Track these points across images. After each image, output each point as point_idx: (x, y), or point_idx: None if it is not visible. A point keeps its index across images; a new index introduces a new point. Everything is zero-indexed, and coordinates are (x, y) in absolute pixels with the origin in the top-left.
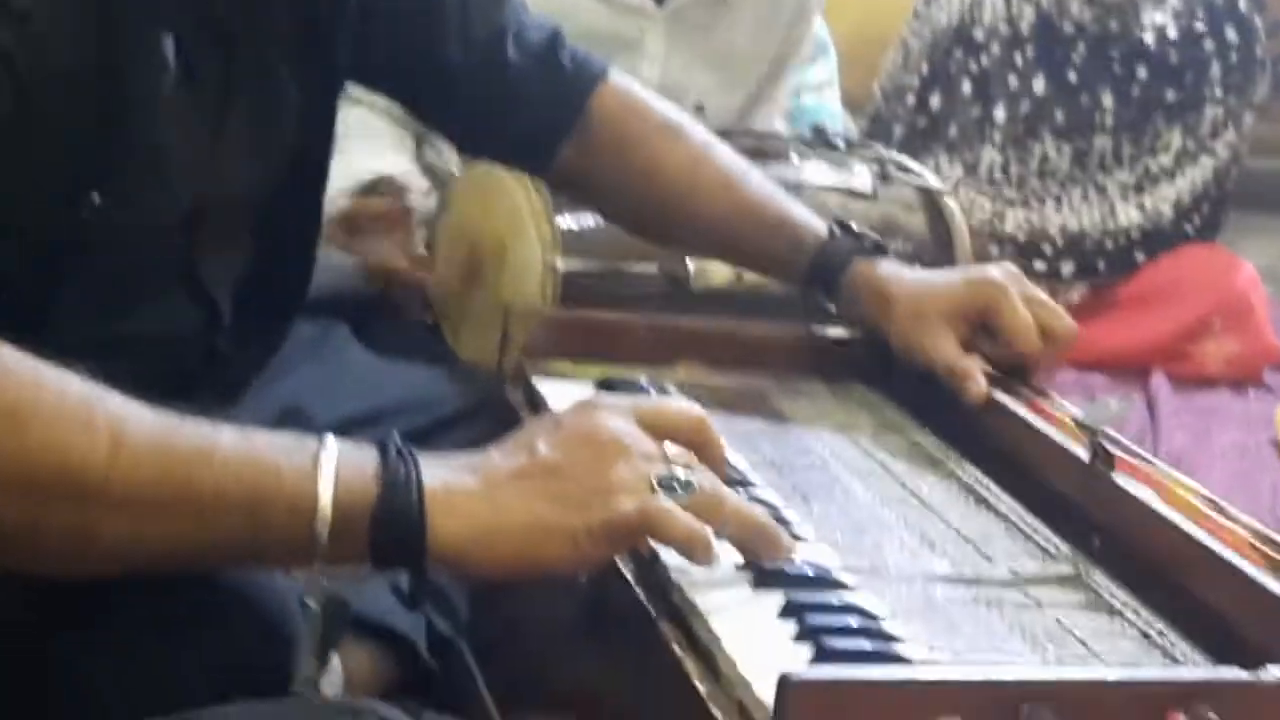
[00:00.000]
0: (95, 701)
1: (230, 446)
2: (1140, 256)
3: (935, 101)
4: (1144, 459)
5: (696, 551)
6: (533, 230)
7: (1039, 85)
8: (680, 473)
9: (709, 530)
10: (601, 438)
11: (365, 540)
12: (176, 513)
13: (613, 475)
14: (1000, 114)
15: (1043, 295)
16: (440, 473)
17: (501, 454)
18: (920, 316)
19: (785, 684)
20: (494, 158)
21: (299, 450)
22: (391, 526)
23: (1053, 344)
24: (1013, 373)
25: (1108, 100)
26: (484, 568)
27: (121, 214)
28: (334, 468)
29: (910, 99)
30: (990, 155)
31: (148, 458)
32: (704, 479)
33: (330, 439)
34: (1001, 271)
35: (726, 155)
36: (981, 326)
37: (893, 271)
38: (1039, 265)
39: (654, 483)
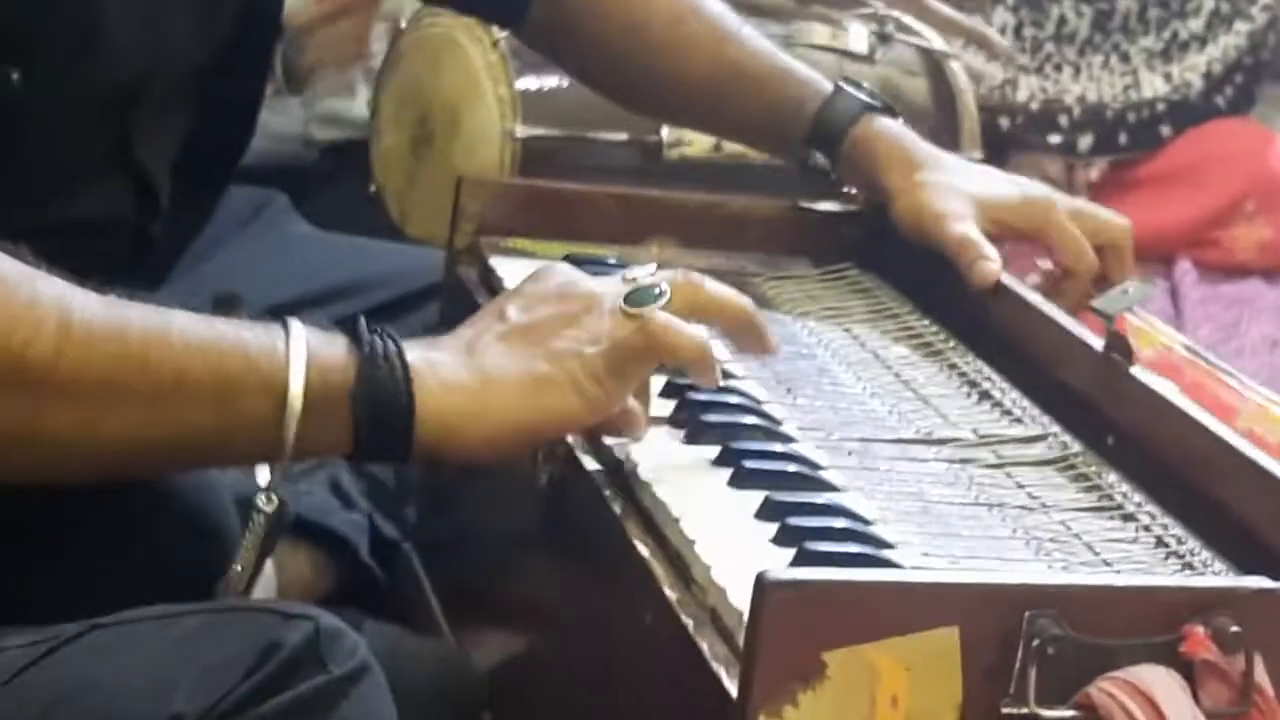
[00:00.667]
0: (12, 600)
1: (189, 327)
2: (1166, 131)
3: None
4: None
5: (705, 358)
6: (490, 93)
7: None
8: (646, 281)
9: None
10: (571, 291)
11: (345, 424)
12: (133, 399)
13: (586, 316)
14: None
15: (1083, 203)
16: (418, 349)
17: (472, 327)
18: (946, 188)
19: (762, 586)
20: (460, 7)
21: (264, 329)
22: (375, 404)
23: (1112, 251)
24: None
25: None
26: (480, 441)
27: (45, 93)
28: (305, 345)
29: None
30: (1002, 17)
31: (100, 340)
32: (671, 275)
33: (296, 323)
34: (1048, 192)
35: (716, 8)
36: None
37: (915, 138)
38: (1054, 138)
39: (624, 306)
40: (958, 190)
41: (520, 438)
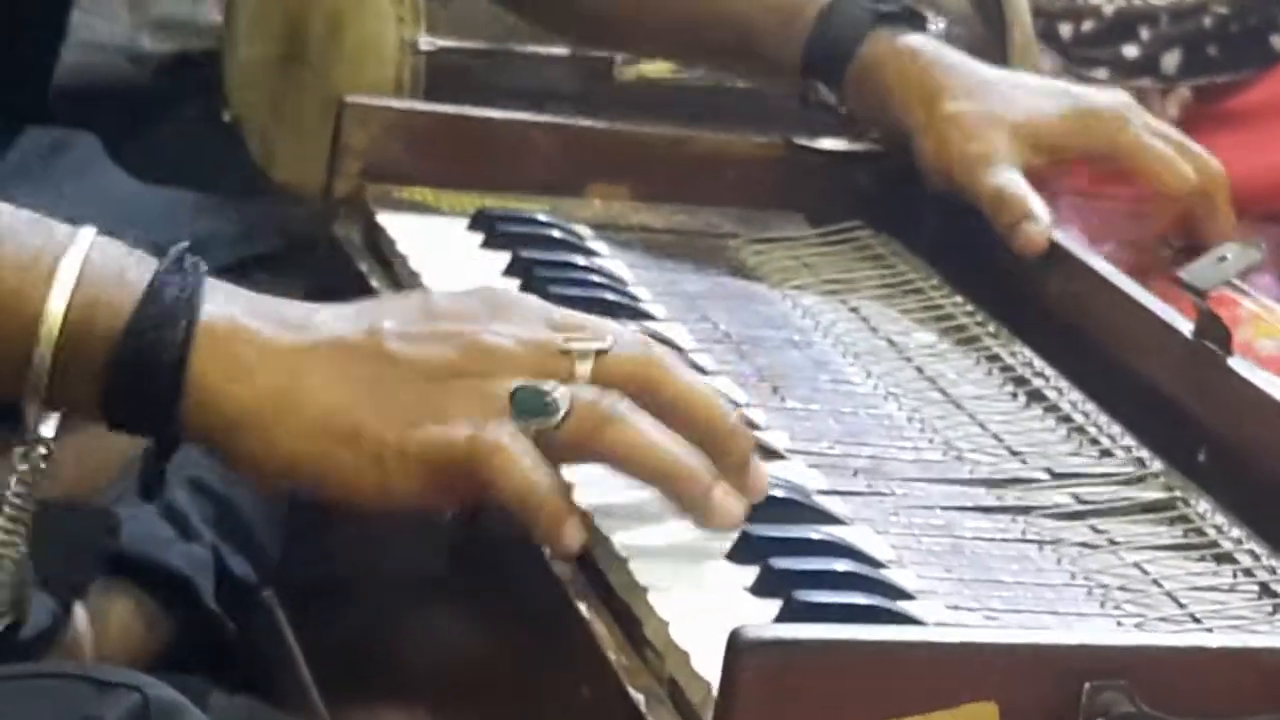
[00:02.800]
0: None
1: None
2: (1278, 42)
3: None
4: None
5: (532, 510)
6: None
7: None
8: (545, 384)
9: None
10: (477, 335)
11: (98, 373)
12: None
13: (465, 386)
14: None
15: (1166, 127)
16: (234, 308)
17: (334, 314)
18: (978, 121)
19: (737, 648)
20: None
21: (43, 235)
22: (136, 358)
23: (1203, 206)
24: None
25: None
26: (250, 460)
27: None
28: (79, 265)
29: None
30: None
31: None
32: (579, 392)
33: (89, 231)
34: (1114, 100)
35: None
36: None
37: (941, 54)
38: (1130, 52)
39: (507, 400)
40: (996, 121)
41: (294, 478)
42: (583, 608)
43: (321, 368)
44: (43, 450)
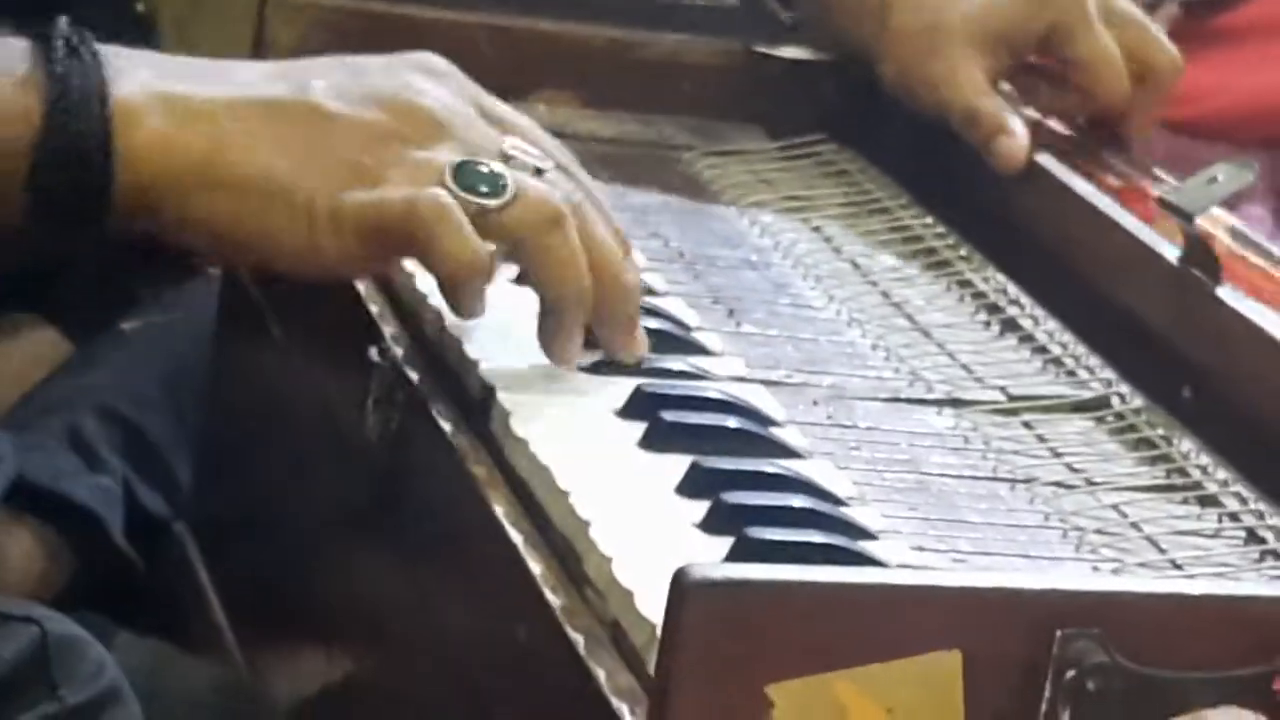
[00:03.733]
0: None
1: None
2: None
3: None
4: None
5: (461, 282)
6: None
7: None
8: (494, 164)
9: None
10: (413, 101)
11: (22, 169)
12: None
13: (401, 151)
14: None
15: (1130, 7)
16: (143, 74)
17: (258, 72)
18: (934, 34)
19: (683, 587)
20: None
21: None
22: (61, 159)
23: (1147, 85)
24: (1091, 133)
25: None
26: (190, 223)
27: None
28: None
29: None
30: None
31: None
32: (527, 181)
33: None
34: None
35: None
36: (1035, 63)
37: None
38: None
39: (448, 172)
40: (952, 30)
41: (228, 242)
42: (517, 539)
43: (251, 126)
44: None
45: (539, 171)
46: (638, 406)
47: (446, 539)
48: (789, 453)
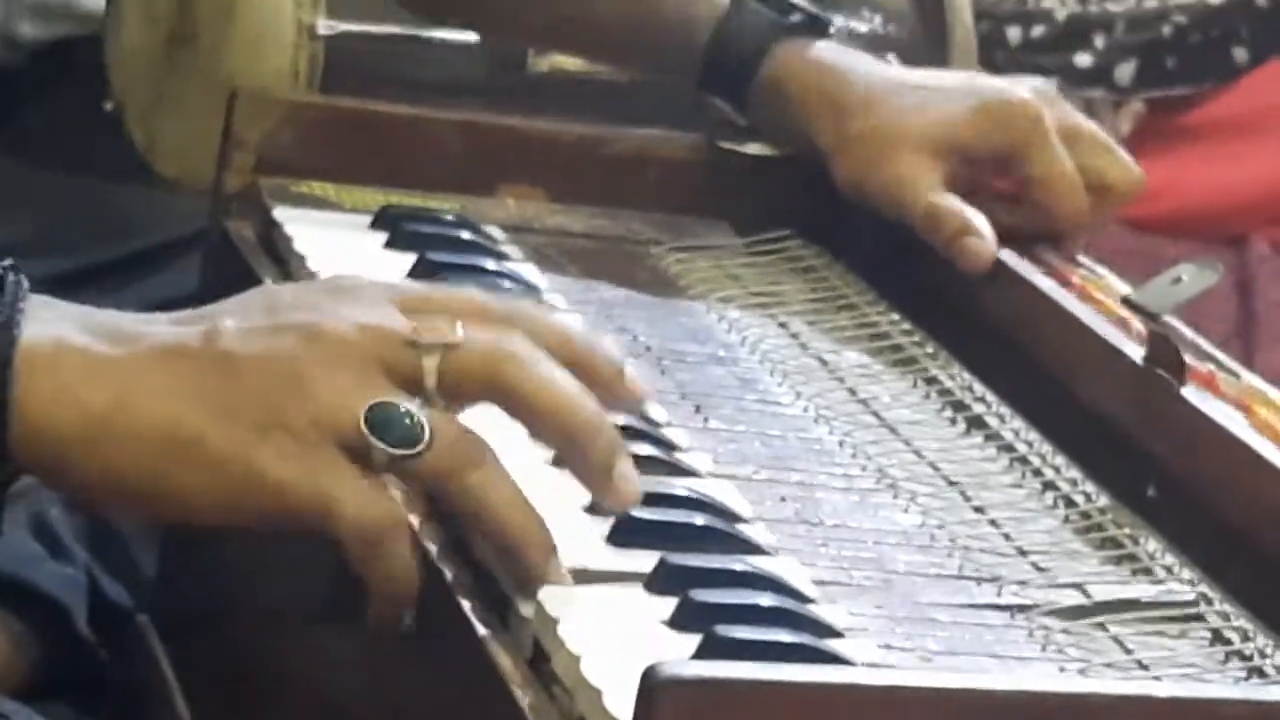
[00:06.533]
0: None
1: None
2: (1241, 56)
3: None
4: (1228, 367)
5: (373, 550)
6: None
7: None
8: (406, 407)
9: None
10: (320, 327)
11: None
12: None
13: (308, 394)
14: None
15: (1089, 125)
16: (60, 327)
17: (171, 320)
18: (890, 140)
19: (652, 686)
20: None
21: None
22: None
23: (1105, 202)
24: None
25: None
26: (86, 482)
27: None
28: None
29: None
30: None
31: None
32: (451, 430)
33: None
34: (1030, 90)
35: None
36: (992, 173)
37: (844, 65)
38: (1082, 61)
39: (362, 421)
40: (907, 135)
41: (130, 502)
42: (483, 633)
43: (152, 378)
44: None
45: (452, 346)
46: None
47: (413, 633)
48: (756, 549)
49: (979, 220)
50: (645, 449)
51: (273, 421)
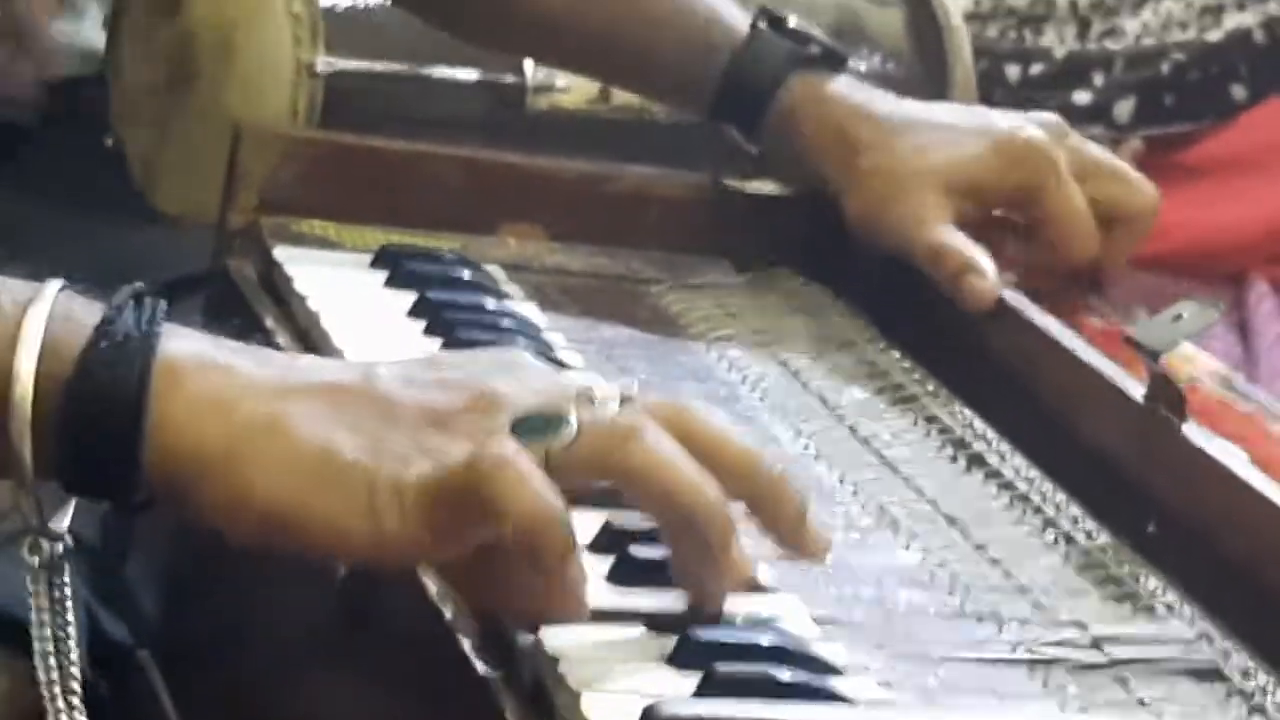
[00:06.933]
0: None
1: None
2: (1239, 93)
3: None
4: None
5: (533, 536)
6: (280, 8)
7: None
8: (554, 408)
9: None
10: (481, 385)
11: (53, 424)
12: None
13: (464, 425)
14: None
15: (1100, 153)
16: (200, 345)
17: (320, 361)
18: (902, 175)
19: None
20: None
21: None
22: (90, 402)
23: (1127, 231)
24: (1063, 284)
25: None
26: (227, 504)
27: None
28: (44, 321)
29: None
30: None
31: None
32: (591, 410)
33: (53, 286)
34: (1041, 128)
35: None
36: (1001, 216)
37: (858, 99)
38: (1081, 98)
39: (508, 429)
40: (919, 173)
41: (272, 527)
42: (483, 671)
43: (307, 404)
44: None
45: (627, 398)
46: (605, 539)
47: (415, 670)
48: (757, 588)
49: (983, 259)
50: None
51: (426, 453)
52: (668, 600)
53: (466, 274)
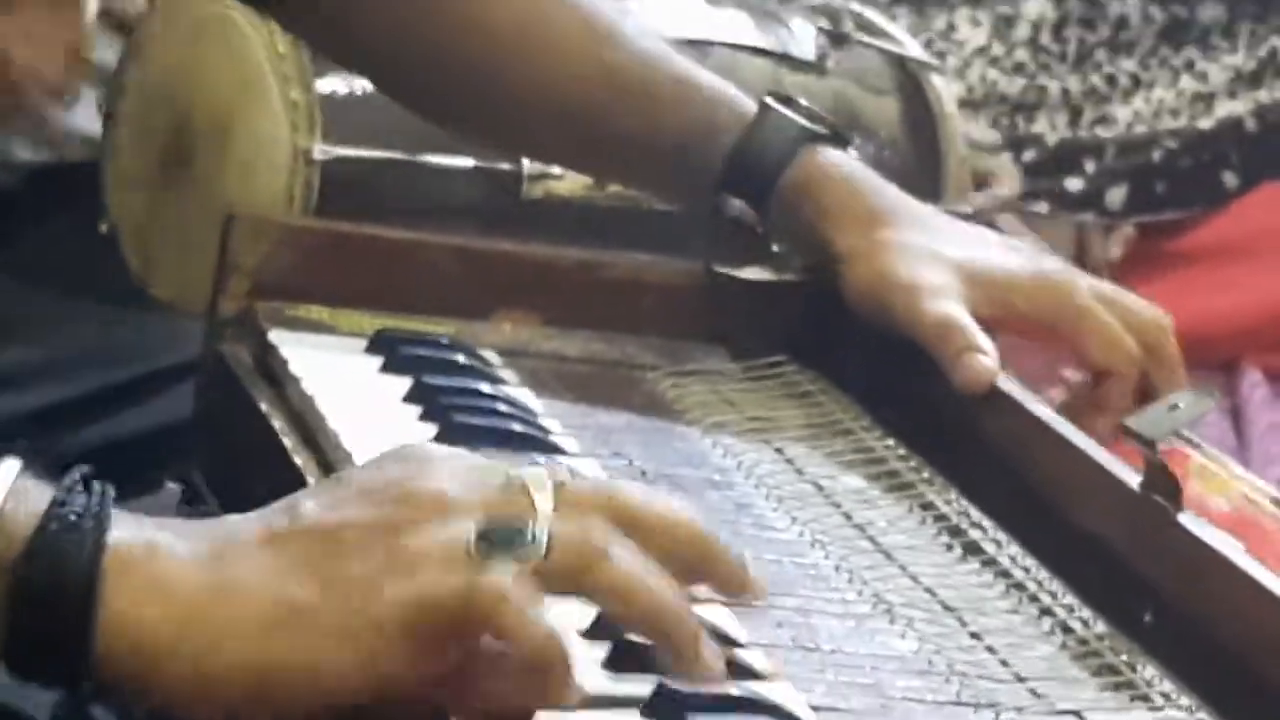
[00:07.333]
0: None
1: None
2: (1231, 181)
3: None
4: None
5: (547, 670)
6: (276, 95)
7: None
8: (513, 520)
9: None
10: (405, 486)
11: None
12: None
13: (417, 534)
14: None
15: (1109, 289)
16: (141, 531)
17: (248, 518)
18: (923, 251)
19: None
20: None
21: None
22: (40, 594)
23: (1160, 355)
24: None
25: None
26: (187, 692)
27: None
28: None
29: None
30: (1039, 7)
31: None
32: (553, 524)
33: (11, 466)
34: (1058, 265)
35: None
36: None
37: (875, 178)
38: (1073, 185)
39: (470, 545)
40: (936, 255)
41: (249, 696)
42: None
43: (249, 563)
44: None
45: (559, 484)
46: (598, 627)
47: None
48: (753, 674)
49: (986, 342)
50: None
51: (392, 572)
52: None
53: (462, 359)
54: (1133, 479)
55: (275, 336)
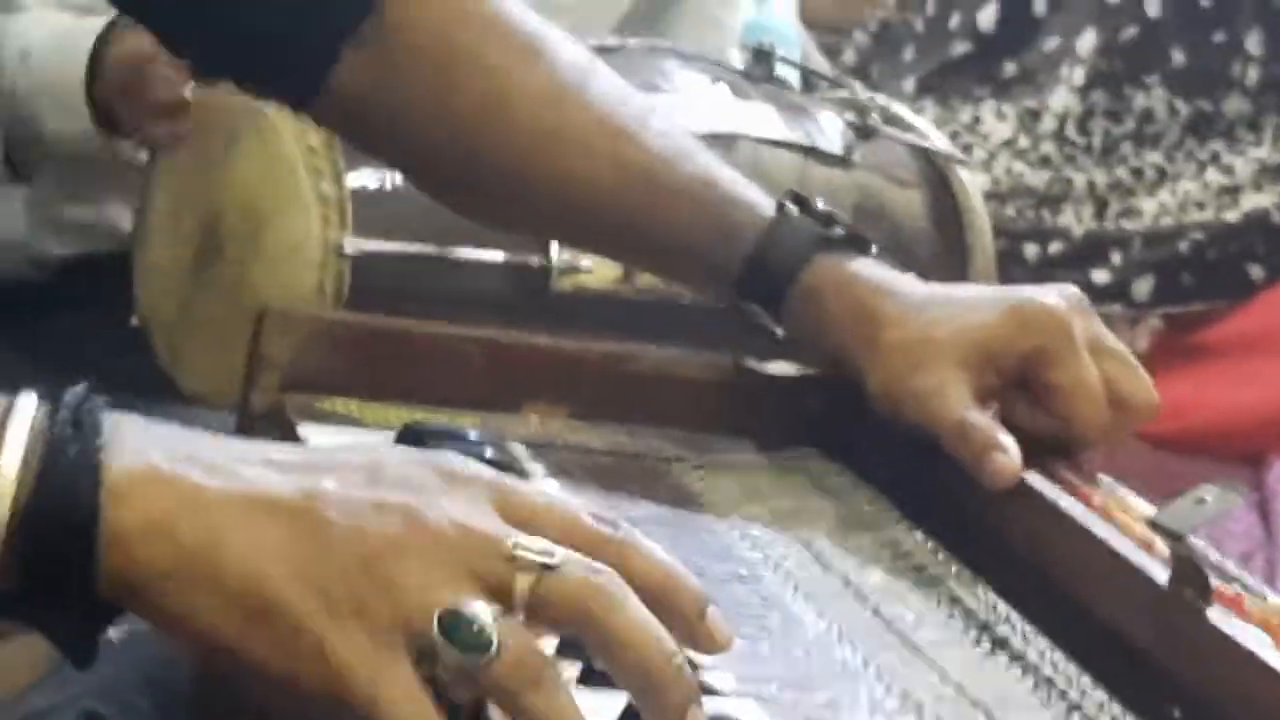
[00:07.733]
0: None
1: None
2: (1257, 273)
3: (987, 17)
4: (1254, 589)
5: None
6: (308, 189)
7: (1153, 5)
8: (482, 616)
9: None
10: (422, 515)
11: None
12: None
13: (390, 580)
14: (1088, 41)
15: (1114, 340)
16: (147, 453)
17: (270, 464)
18: (924, 349)
19: None
20: (234, 77)
21: None
22: (44, 529)
23: (1123, 418)
24: (1052, 449)
25: (1254, 41)
26: (178, 621)
27: None
28: (26, 433)
29: (931, 6)
30: (1065, 100)
31: None
32: (519, 644)
33: (29, 398)
34: (1060, 297)
35: (605, 86)
36: (1017, 376)
37: (880, 278)
38: (1099, 277)
39: (435, 621)
40: (940, 347)
41: (213, 649)
42: None
43: (244, 527)
44: None
45: (548, 568)
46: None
47: None
48: None
49: (1006, 438)
50: None
51: (353, 606)
52: None
53: (489, 452)
54: (1160, 574)
55: (304, 430)
